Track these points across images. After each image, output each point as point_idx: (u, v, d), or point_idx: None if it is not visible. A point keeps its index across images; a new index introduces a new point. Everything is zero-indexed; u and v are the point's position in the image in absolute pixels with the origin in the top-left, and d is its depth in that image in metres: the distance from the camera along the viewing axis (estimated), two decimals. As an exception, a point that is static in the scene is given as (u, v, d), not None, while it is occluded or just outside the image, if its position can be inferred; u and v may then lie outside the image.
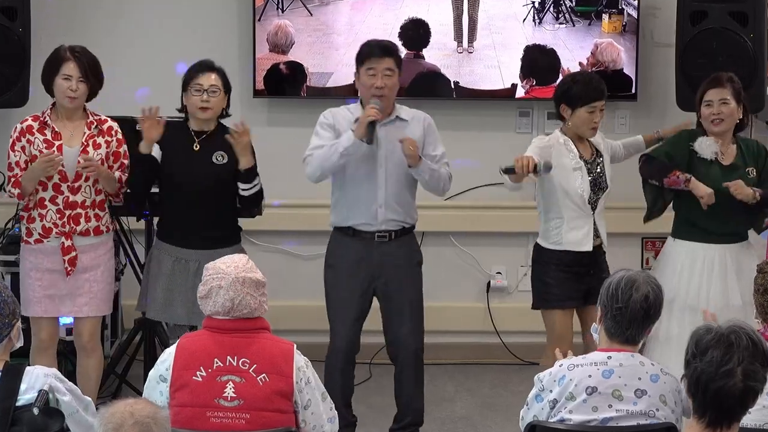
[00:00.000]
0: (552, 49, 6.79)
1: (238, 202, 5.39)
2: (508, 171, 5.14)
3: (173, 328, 5.46)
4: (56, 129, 5.26)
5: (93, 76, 5.26)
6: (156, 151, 5.32)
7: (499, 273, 6.95)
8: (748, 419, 3.31)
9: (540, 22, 6.84)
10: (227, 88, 5.38)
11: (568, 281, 5.31)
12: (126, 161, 5.37)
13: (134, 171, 5.31)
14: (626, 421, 3.74)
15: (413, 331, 5.35)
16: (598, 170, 5.38)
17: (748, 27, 6.09)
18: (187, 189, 5.29)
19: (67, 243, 5.24)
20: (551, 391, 3.82)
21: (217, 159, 5.31)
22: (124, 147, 5.38)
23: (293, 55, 6.81)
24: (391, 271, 5.33)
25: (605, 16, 6.80)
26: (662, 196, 5.44)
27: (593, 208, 5.33)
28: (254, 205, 5.47)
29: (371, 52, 5.27)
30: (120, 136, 5.37)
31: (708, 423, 3.15)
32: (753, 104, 5.88)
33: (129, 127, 5.50)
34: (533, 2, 6.81)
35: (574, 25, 6.84)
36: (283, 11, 6.79)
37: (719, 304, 5.21)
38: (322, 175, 5.31)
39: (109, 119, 5.38)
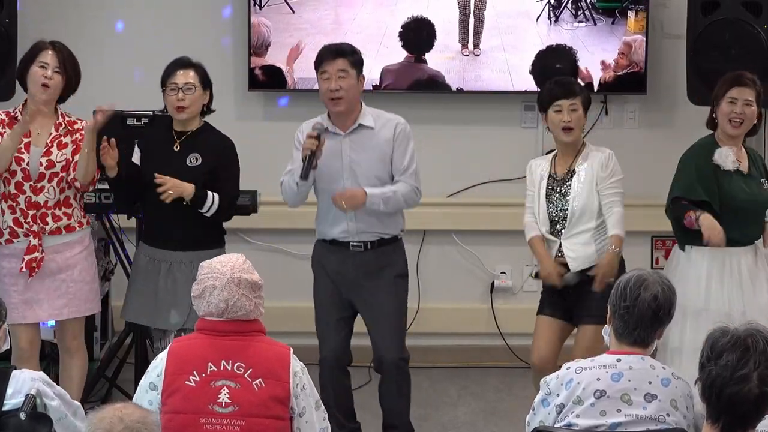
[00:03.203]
0: (570, 47, 6.56)
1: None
2: (538, 276, 5.29)
3: (156, 330, 5.34)
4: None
5: (71, 69, 5.18)
6: (137, 154, 5.27)
7: (504, 273, 6.92)
8: (765, 425, 3.22)
9: (556, 21, 6.59)
10: (206, 84, 5.28)
11: (549, 291, 5.35)
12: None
13: (115, 190, 5.31)
14: (636, 426, 3.69)
15: (391, 343, 5.28)
16: (562, 193, 5.26)
17: (762, 17, 6.02)
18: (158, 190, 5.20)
19: (34, 242, 5.15)
20: (558, 395, 3.77)
21: (190, 161, 5.23)
22: None
23: (271, 58, 6.58)
24: (366, 282, 5.29)
25: (631, 14, 6.57)
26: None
27: (555, 232, 5.26)
28: (223, 217, 5.32)
29: (323, 55, 5.25)
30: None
31: (722, 429, 3.10)
32: (765, 98, 5.78)
33: (118, 122, 5.44)
34: (548, -2, 6.58)
35: (595, 24, 6.58)
36: (261, 8, 6.54)
37: (744, 308, 5.12)
38: (294, 203, 5.32)
39: (79, 121, 5.28)
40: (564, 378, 3.77)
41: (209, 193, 5.15)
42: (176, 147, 5.23)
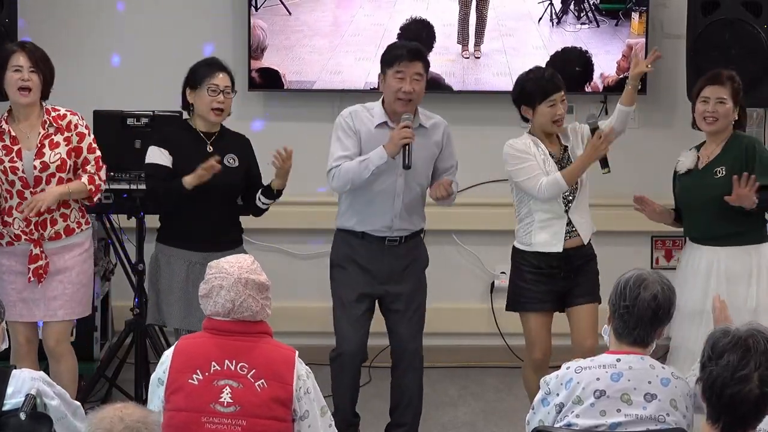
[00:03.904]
0: (585, 51, 6.47)
1: (249, 208, 5.36)
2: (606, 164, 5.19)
3: (172, 333, 5.32)
4: (13, 133, 5.12)
5: (44, 66, 5.12)
6: (166, 157, 5.17)
7: (504, 273, 6.84)
8: (766, 425, 3.22)
9: (559, 23, 6.48)
10: (234, 89, 5.29)
11: (539, 283, 5.31)
12: (92, 155, 5.20)
13: (176, 201, 5.18)
14: (635, 426, 3.68)
15: (417, 334, 5.36)
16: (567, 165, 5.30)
17: (762, 18, 6.02)
18: (203, 192, 5.16)
19: (36, 251, 5.13)
20: (558, 395, 3.76)
21: (229, 162, 5.23)
22: (88, 140, 5.21)
23: (268, 61, 6.48)
24: (399, 274, 5.32)
25: (635, 15, 6.48)
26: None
27: (567, 206, 5.27)
28: (261, 214, 5.43)
29: (401, 54, 5.20)
30: (82, 129, 5.19)
31: (722, 429, 3.11)
32: (765, 98, 5.83)
33: (119, 121, 5.42)
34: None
35: (598, 26, 6.50)
36: (257, 9, 6.43)
37: (703, 308, 5.11)
38: (352, 188, 5.26)
39: (68, 113, 5.20)
40: (564, 377, 3.76)
41: None
42: (209, 149, 5.20)
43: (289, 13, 6.45)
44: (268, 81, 6.54)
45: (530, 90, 5.24)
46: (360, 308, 5.28)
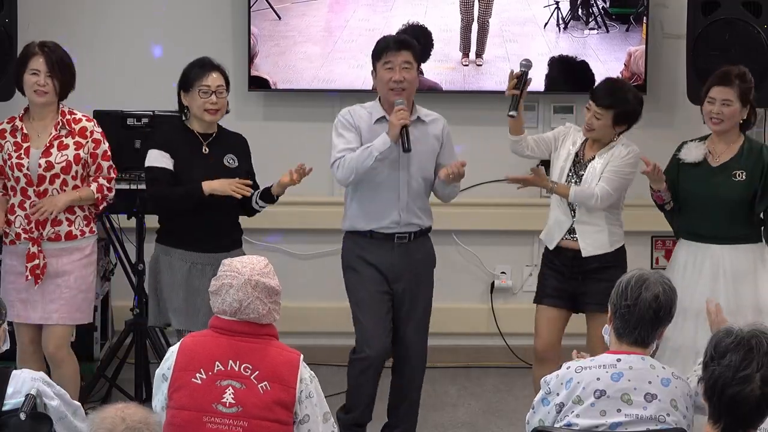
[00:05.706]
0: (582, 61, 6.35)
1: (243, 208, 5.32)
2: (513, 108, 5.27)
3: (173, 333, 5.30)
4: (25, 131, 5.15)
5: (61, 71, 5.12)
6: (167, 159, 5.15)
7: (504, 273, 6.91)
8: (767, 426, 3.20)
9: (566, 28, 6.35)
10: (228, 85, 5.26)
11: (551, 279, 5.39)
12: (106, 163, 5.24)
13: (190, 206, 5.15)
14: (636, 426, 3.69)
15: (423, 336, 5.35)
16: (582, 173, 5.31)
17: (762, 18, 6.01)
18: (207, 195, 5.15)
19: (33, 249, 5.12)
20: (558, 395, 3.77)
21: (228, 162, 5.23)
22: (103, 147, 5.24)
23: (256, 69, 6.35)
24: (410, 273, 5.30)
25: (645, 20, 6.40)
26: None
27: (573, 210, 5.30)
28: (254, 215, 5.42)
29: (387, 45, 5.20)
30: (97, 135, 5.22)
31: (723, 429, 3.10)
32: (766, 98, 5.81)
33: (118, 121, 5.44)
34: (557, 3, 6.29)
35: (608, 31, 6.37)
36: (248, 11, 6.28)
37: (731, 307, 5.09)
38: (356, 179, 5.22)
39: (84, 119, 5.23)
40: (564, 377, 3.77)
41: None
42: (205, 150, 5.19)
43: (279, 18, 6.32)
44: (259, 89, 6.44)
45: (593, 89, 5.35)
46: (380, 307, 5.24)
